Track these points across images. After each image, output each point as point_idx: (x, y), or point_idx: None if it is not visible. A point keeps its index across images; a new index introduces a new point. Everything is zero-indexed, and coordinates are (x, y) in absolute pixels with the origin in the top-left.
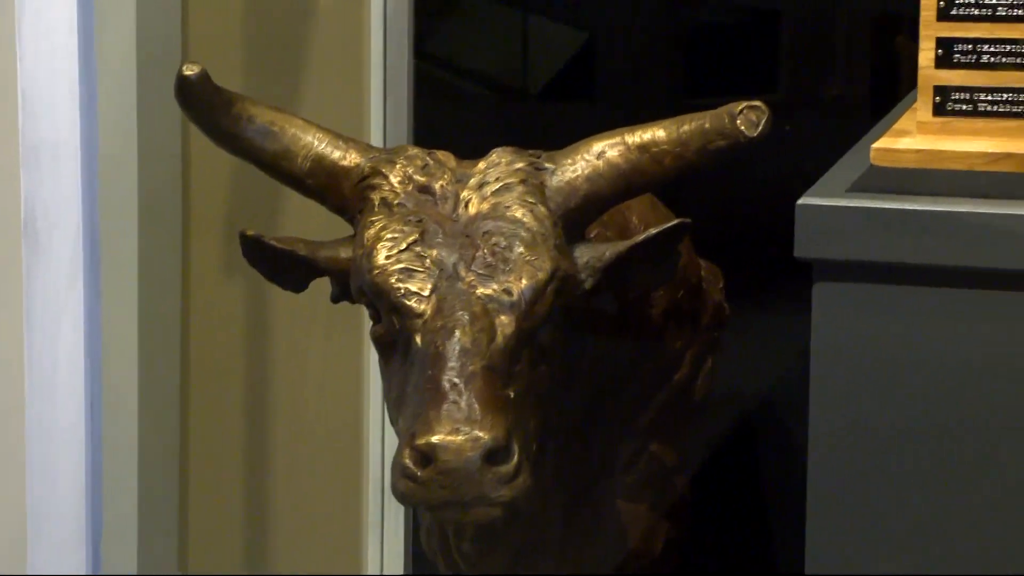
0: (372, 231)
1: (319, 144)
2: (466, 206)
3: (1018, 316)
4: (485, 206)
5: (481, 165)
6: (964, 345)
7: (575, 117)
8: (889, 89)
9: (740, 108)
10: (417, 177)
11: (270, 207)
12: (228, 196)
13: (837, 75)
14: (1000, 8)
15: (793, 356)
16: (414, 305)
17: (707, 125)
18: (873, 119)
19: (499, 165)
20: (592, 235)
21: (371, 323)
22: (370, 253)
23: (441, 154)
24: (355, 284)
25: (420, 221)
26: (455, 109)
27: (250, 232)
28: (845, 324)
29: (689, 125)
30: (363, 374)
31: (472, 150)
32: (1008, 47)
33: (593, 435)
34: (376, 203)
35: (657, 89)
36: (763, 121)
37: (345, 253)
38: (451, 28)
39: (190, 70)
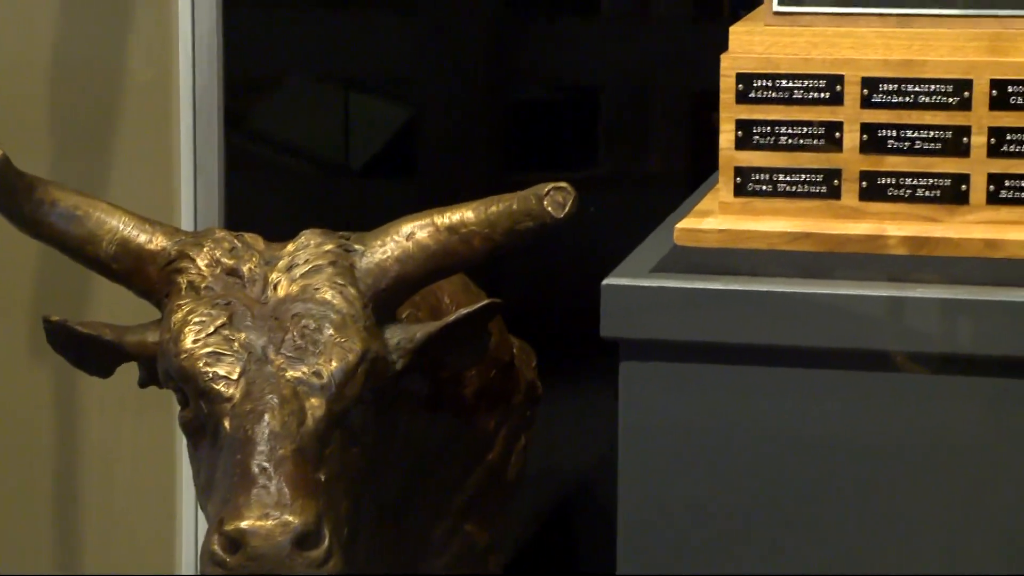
0: (179, 315)
1: (124, 228)
2: (275, 288)
3: (818, 392)
4: (294, 288)
5: (290, 247)
6: (767, 421)
7: (397, 194)
8: (708, 164)
9: (547, 189)
10: (225, 260)
11: (78, 291)
12: (34, 280)
13: (656, 151)
14: (796, 91)
15: (605, 433)
16: (222, 389)
17: (515, 206)
18: (691, 194)
19: (308, 247)
20: (403, 316)
21: (180, 408)
22: (177, 337)
23: (249, 236)
24: (162, 368)
25: (228, 304)
26: (275, 187)
27: (54, 317)
28: (651, 402)
29: (497, 206)
30: (175, 459)
31: (293, 228)
32: (804, 129)
33: (407, 516)
34: (183, 287)
35: (480, 166)
36: (569, 202)
37: (152, 337)
38: (270, 105)
39: None
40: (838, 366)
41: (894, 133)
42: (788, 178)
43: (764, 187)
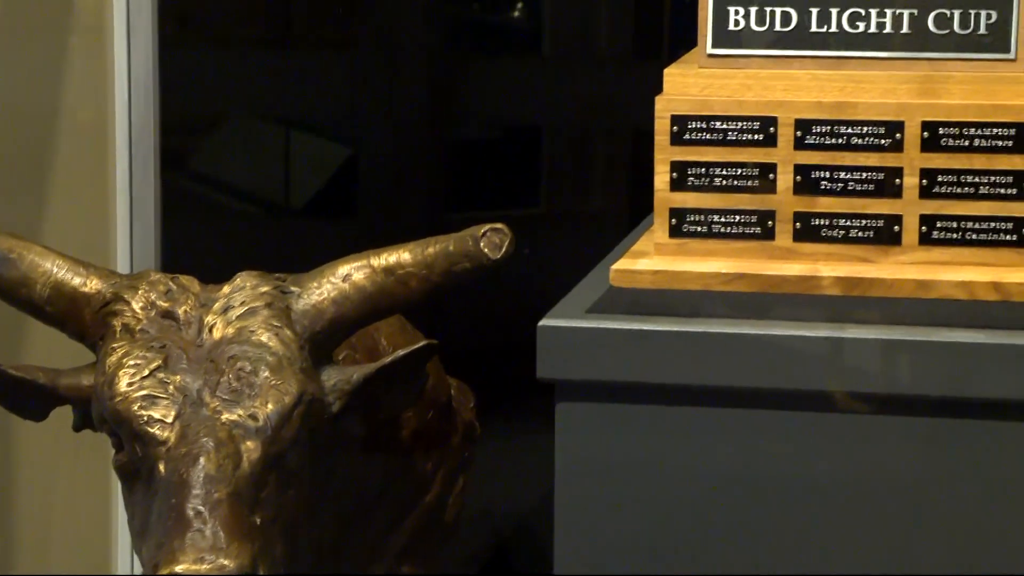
0: (114, 358)
1: (58, 271)
2: (211, 331)
3: (754, 432)
4: (230, 331)
5: (225, 289)
6: (703, 461)
7: (337, 234)
8: (646, 205)
9: (483, 231)
10: (160, 303)
11: (11, 335)
12: None
13: (595, 191)
14: (731, 133)
15: (543, 474)
16: (157, 432)
17: (451, 247)
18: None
19: (244, 289)
20: (340, 357)
21: (115, 452)
22: (112, 380)
23: (185, 279)
24: (97, 412)
25: (163, 347)
26: (213, 229)
27: None
28: (588, 443)
29: (434, 248)
30: (110, 503)
31: (232, 269)
32: (739, 170)
33: (344, 559)
34: (118, 329)
35: (420, 205)
36: (506, 243)
37: (87, 380)
38: (208, 145)
39: None
40: (773, 406)
41: (827, 174)
42: (723, 219)
43: (699, 228)
